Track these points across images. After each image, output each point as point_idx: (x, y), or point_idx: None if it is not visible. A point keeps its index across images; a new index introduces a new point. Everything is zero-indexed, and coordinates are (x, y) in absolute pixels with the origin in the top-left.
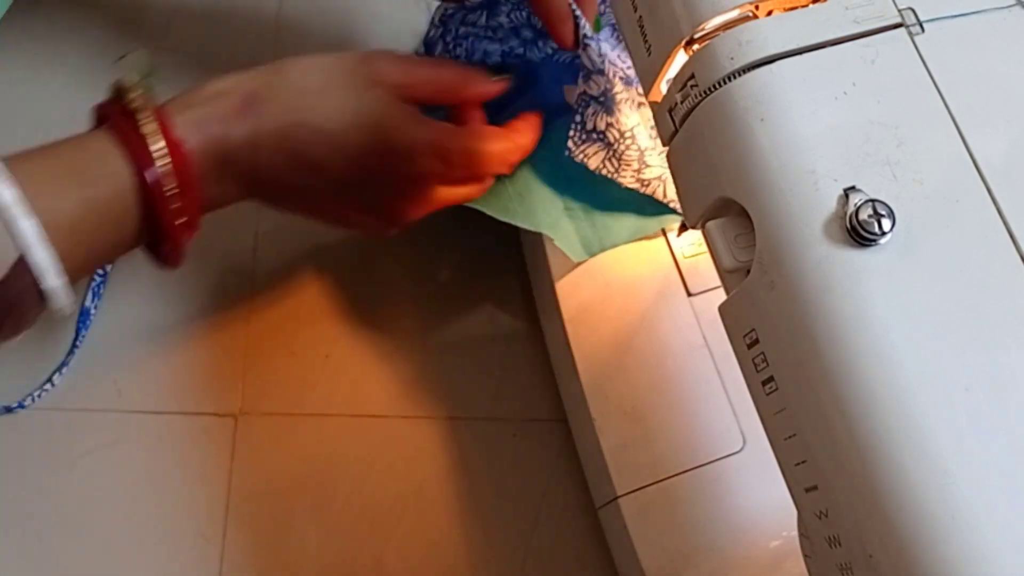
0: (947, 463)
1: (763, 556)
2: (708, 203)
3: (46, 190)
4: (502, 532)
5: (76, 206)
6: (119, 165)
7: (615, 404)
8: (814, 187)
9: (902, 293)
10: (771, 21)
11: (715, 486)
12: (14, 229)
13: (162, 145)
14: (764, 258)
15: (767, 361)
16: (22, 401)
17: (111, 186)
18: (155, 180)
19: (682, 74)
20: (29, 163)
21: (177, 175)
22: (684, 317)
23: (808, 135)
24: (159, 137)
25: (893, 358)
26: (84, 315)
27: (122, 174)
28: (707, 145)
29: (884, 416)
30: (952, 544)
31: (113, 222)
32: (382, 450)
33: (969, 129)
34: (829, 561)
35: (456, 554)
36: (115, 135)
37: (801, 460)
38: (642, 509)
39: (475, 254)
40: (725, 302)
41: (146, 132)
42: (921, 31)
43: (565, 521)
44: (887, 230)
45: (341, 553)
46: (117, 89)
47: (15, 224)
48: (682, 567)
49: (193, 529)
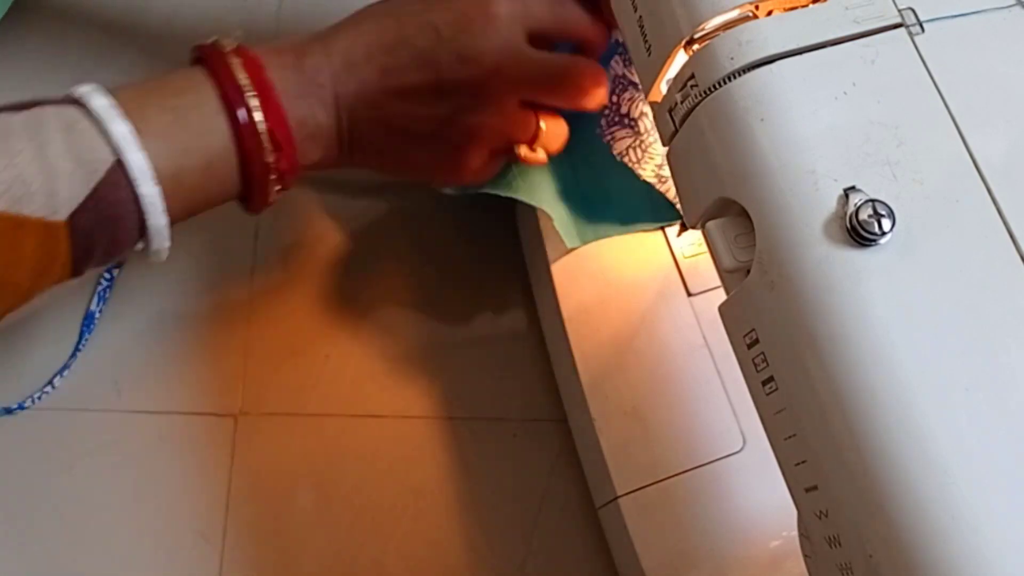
0: (947, 463)
1: (763, 556)
2: (708, 203)
3: (137, 100)
4: (502, 532)
5: (168, 120)
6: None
7: (615, 404)
8: (814, 187)
9: (902, 293)
10: (771, 21)
11: (715, 486)
12: (109, 128)
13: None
14: (764, 258)
15: (767, 361)
16: (22, 402)
17: (205, 120)
18: (246, 124)
19: (682, 74)
20: (125, 87)
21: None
22: (684, 317)
23: (808, 135)
24: (250, 86)
25: (893, 358)
26: (88, 319)
27: (219, 123)
28: (707, 145)
29: (884, 416)
30: (952, 544)
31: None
32: (382, 450)
33: (969, 129)
34: (829, 561)
35: (456, 554)
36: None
37: (801, 460)
38: (642, 509)
39: (475, 254)
40: (725, 302)
41: (239, 81)
42: (921, 31)
43: (565, 521)
44: (887, 230)
45: (341, 553)
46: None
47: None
48: (682, 567)
49: (193, 529)
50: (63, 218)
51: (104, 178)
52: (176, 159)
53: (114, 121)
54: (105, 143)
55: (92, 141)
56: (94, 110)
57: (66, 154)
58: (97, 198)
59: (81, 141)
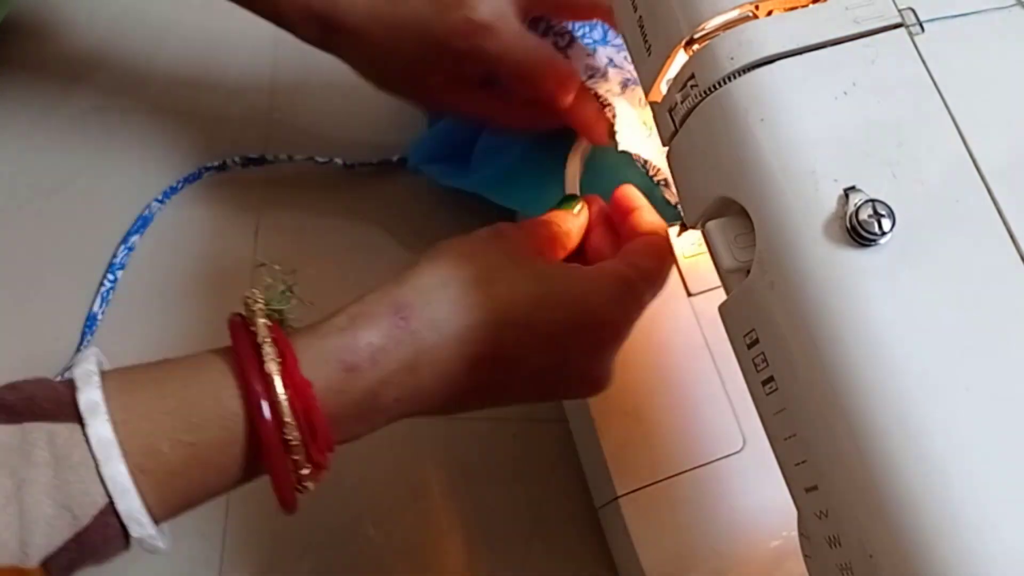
0: (947, 463)
1: (763, 556)
2: (708, 203)
3: (144, 427)
4: (502, 532)
5: (176, 450)
6: (233, 406)
7: (615, 404)
8: (814, 187)
9: (902, 293)
10: (771, 21)
11: (715, 486)
12: (104, 471)
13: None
14: (764, 258)
15: (767, 361)
16: None
17: (221, 432)
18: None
19: (682, 74)
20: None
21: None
22: (684, 317)
23: (808, 135)
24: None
25: (893, 358)
26: (91, 320)
27: (235, 418)
28: (707, 145)
29: (884, 416)
30: (952, 544)
31: (217, 470)
32: (382, 450)
33: (969, 129)
34: (829, 561)
35: (456, 554)
36: (233, 368)
37: (801, 460)
38: (642, 509)
39: None
40: (725, 302)
41: (270, 371)
42: (921, 31)
43: (565, 521)
44: (887, 230)
45: (341, 553)
46: (246, 306)
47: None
48: (682, 567)
49: (193, 529)
50: (35, 564)
51: (91, 523)
52: (181, 499)
53: (112, 461)
54: (99, 483)
55: (84, 482)
56: (93, 445)
57: (50, 497)
58: (80, 541)
59: (70, 483)
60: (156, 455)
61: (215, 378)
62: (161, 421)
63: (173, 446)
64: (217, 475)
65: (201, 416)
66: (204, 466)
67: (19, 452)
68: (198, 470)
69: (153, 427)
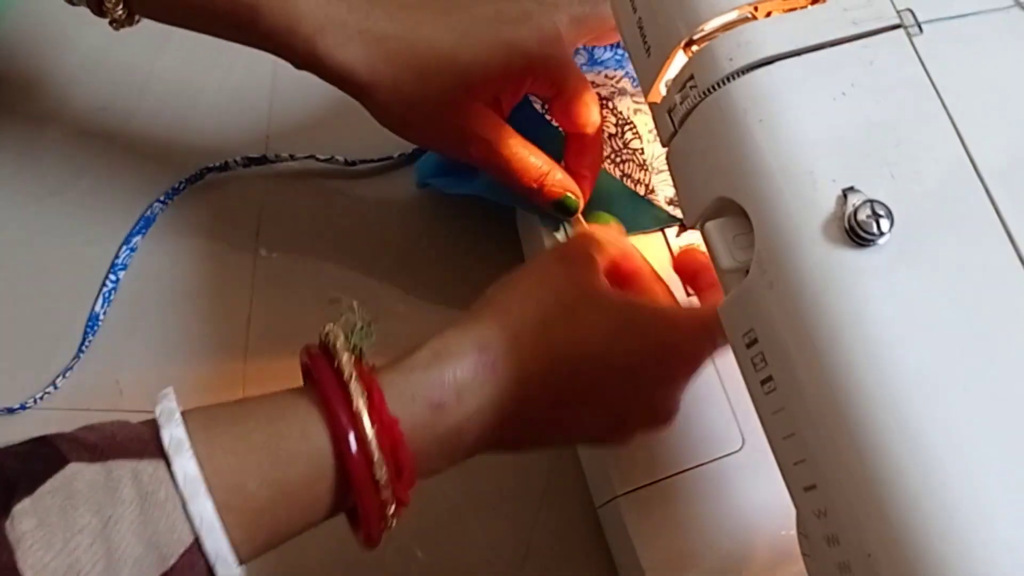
0: (946, 462)
1: (762, 555)
2: (707, 203)
3: (230, 464)
4: (502, 532)
5: (263, 488)
6: (321, 442)
7: None
8: (813, 187)
9: (900, 293)
10: (770, 22)
11: (714, 485)
12: (191, 508)
13: (372, 428)
14: (763, 258)
15: (766, 361)
16: (24, 403)
17: (308, 468)
18: (361, 471)
19: (681, 75)
20: (213, 428)
21: (388, 461)
22: None
23: (807, 136)
24: (368, 417)
25: (891, 358)
26: (93, 320)
27: (322, 454)
28: (706, 146)
29: (882, 415)
30: (950, 543)
31: (302, 507)
32: None
33: (967, 129)
34: (828, 560)
35: (456, 554)
36: (319, 405)
37: (800, 459)
38: (641, 508)
39: (475, 256)
40: (724, 302)
41: (358, 408)
42: (919, 32)
43: (565, 521)
44: (885, 230)
45: (341, 553)
46: (324, 344)
47: (192, 503)
48: (681, 566)
49: None
50: None
51: (177, 562)
52: (266, 537)
53: (198, 498)
54: (185, 521)
55: (170, 519)
56: (179, 482)
57: (136, 536)
58: None
59: (158, 520)
60: (242, 492)
61: (300, 414)
62: (247, 457)
63: (260, 483)
64: (302, 513)
65: (288, 452)
66: (290, 503)
67: (104, 490)
68: (284, 507)
69: (239, 463)
